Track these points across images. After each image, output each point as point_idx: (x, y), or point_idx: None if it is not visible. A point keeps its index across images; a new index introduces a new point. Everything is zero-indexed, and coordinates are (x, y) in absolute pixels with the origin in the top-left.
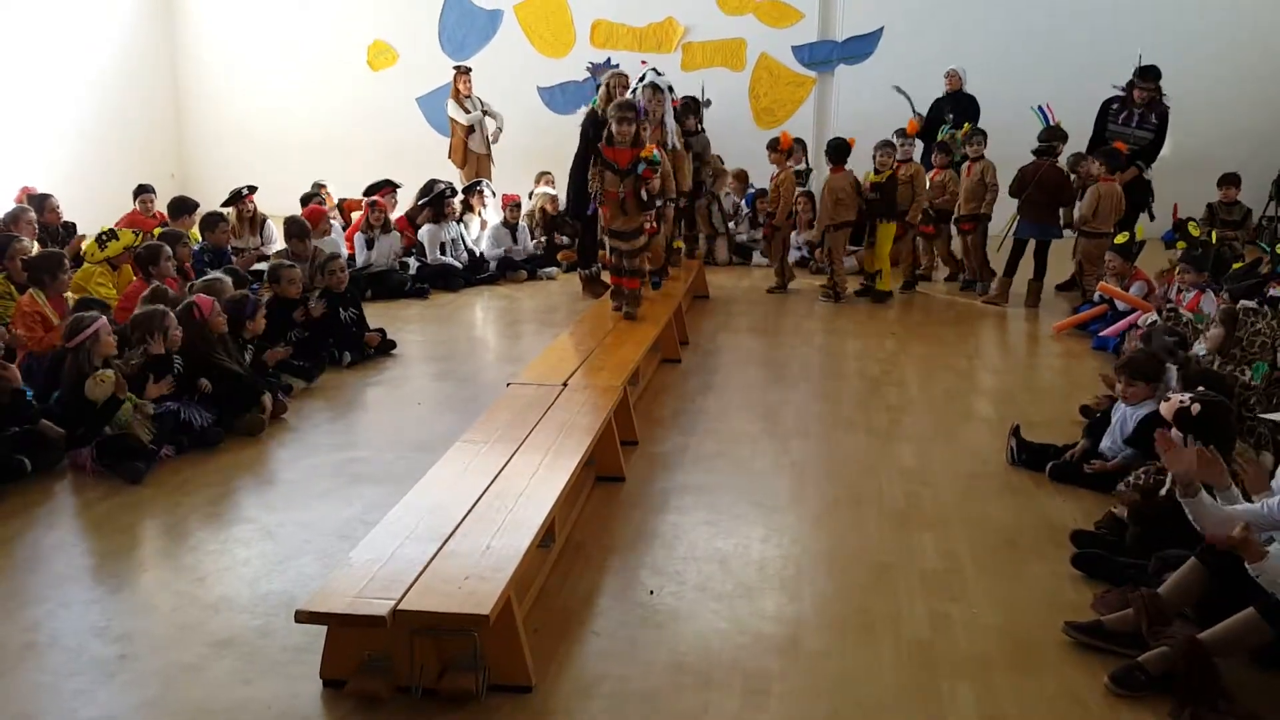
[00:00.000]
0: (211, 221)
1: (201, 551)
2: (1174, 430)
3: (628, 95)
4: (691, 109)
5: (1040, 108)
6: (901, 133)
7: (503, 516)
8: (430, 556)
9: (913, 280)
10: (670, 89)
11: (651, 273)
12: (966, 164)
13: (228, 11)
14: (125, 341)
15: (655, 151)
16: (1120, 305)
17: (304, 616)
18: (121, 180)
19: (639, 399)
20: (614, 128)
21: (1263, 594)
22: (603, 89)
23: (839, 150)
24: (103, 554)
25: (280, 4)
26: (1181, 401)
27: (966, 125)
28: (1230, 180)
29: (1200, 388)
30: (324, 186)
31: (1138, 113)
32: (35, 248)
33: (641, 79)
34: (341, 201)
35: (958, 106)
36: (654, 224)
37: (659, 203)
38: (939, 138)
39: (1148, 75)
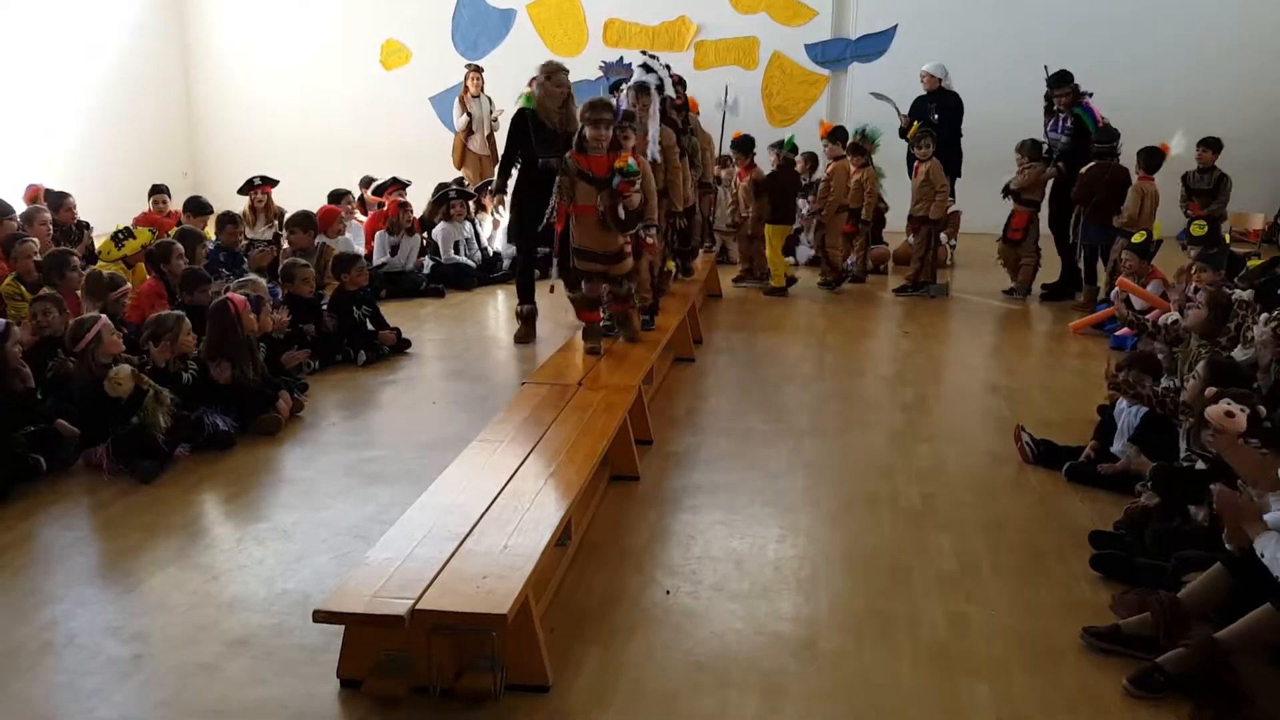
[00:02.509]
0: (222, 222)
1: (216, 550)
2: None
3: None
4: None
5: (1084, 106)
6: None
7: (519, 516)
8: (447, 556)
9: (833, 281)
10: (660, 86)
11: (640, 311)
12: (915, 164)
13: (240, 10)
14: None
15: (631, 160)
16: (1138, 304)
17: (321, 616)
18: (134, 179)
19: (653, 398)
20: (588, 131)
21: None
22: (535, 84)
23: (745, 145)
24: (118, 553)
25: (293, 2)
26: (1243, 410)
27: (916, 125)
28: (1209, 144)
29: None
30: (347, 194)
31: (1061, 118)
32: (49, 247)
33: (628, 80)
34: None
35: (940, 105)
36: (648, 237)
37: (640, 225)
38: (850, 139)
39: (1055, 82)
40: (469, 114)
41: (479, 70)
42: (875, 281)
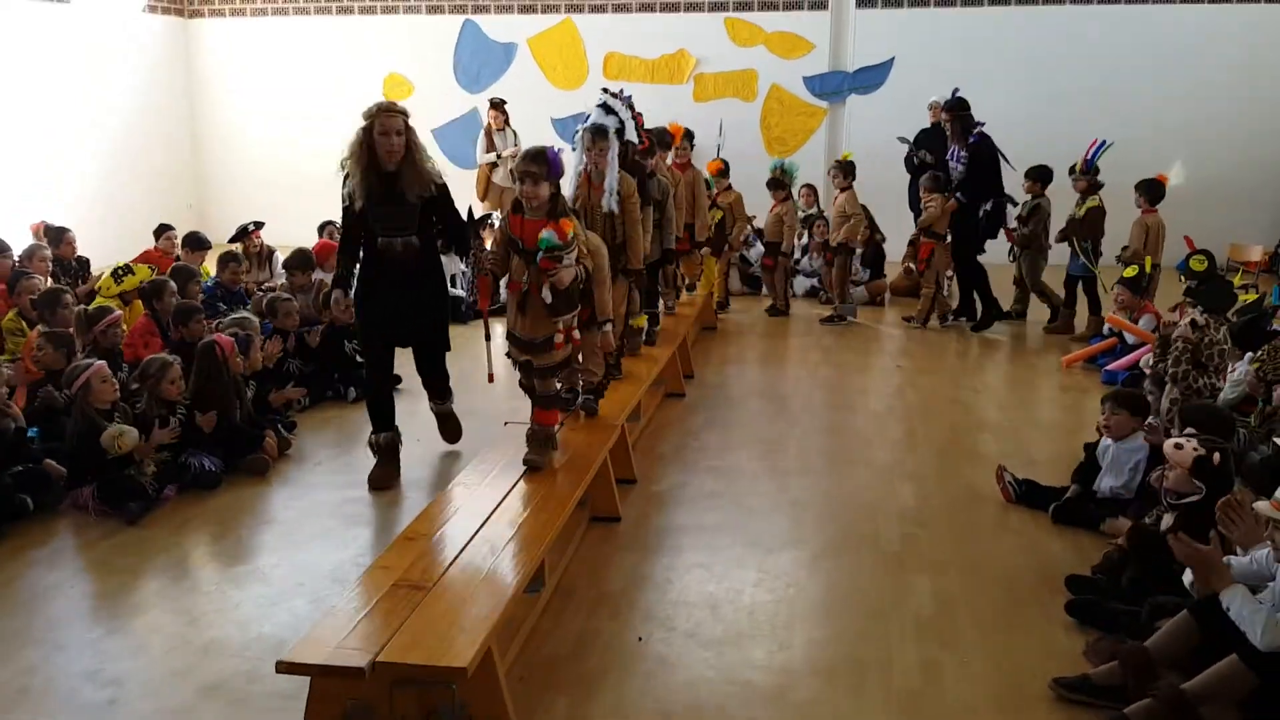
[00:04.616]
0: (224, 261)
1: (196, 594)
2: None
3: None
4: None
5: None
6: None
7: (489, 563)
8: (413, 606)
9: (725, 301)
10: (621, 130)
11: (585, 390)
12: (835, 195)
13: (245, 44)
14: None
15: (549, 233)
16: (1129, 339)
17: (284, 667)
18: (139, 213)
19: (640, 435)
20: (518, 188)
21: (1246, 641)
22: (357, 134)
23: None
24: (100, 595)
25: (297, 37)
26: (1196, 450)
27: (846, 153)
28: (1032, 174)
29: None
30: (331, 223)
31: (955, 147)
32: (48, 283)
33: (585, 120)
34: None
35: (943, 138)
36: (574, 332)
37: (571, 314)
38: (771, 174)
39: (949, 104)
40: (496, 152)
41: (499, 106)
42: (872, 313)
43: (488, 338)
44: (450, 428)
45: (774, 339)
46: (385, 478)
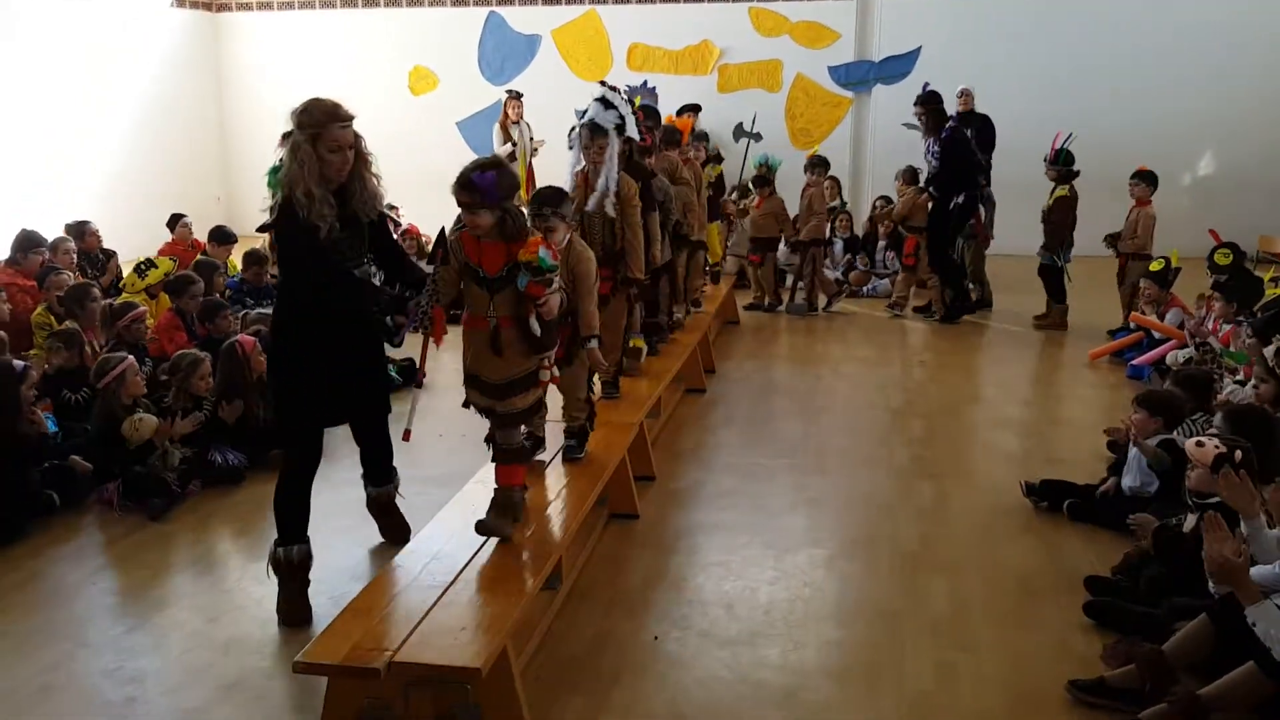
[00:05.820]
0: (248, 261)
1: (217, 591)
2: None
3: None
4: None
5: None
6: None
7: (506, 562)
8: (430, 605)
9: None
10: (621, 126)
11: (568, 435)
12: (804, 188)
13: (271, 36)
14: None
15: (543, 252)
16: (1156, 333)
17: (301, 667)
18: (168, 206)
19: (660, 431)
20: (464, 217)
21: (1266, 650)
22: (303, 145)
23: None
24: (123, 592)
25: (323, 29)
26: (1218, 448)
27: (814, 150)
28: (901, 175)
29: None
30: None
31: (929, 142)
32: (75, 276)
33: (582, 115)
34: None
35: (972, 127)
36: (553, 369)
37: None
38: (754, 171)
39: (919, 99)
40: (512, 141)
41: (518, 97)
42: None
43: (418, 384)
44: (395, 523)
45: (795, 333)
46: (295, 609)
